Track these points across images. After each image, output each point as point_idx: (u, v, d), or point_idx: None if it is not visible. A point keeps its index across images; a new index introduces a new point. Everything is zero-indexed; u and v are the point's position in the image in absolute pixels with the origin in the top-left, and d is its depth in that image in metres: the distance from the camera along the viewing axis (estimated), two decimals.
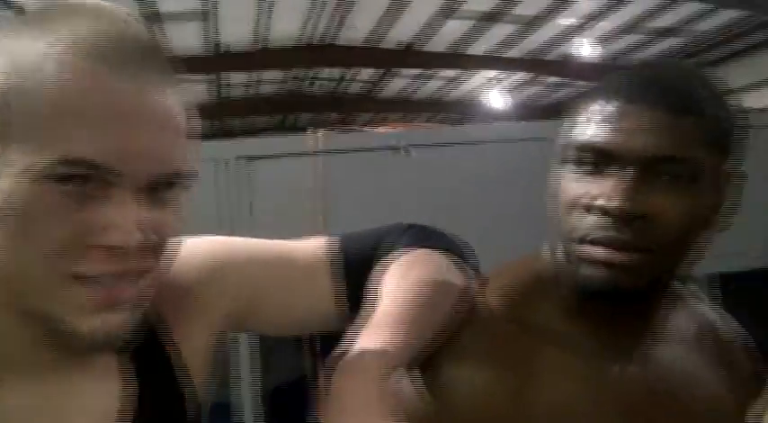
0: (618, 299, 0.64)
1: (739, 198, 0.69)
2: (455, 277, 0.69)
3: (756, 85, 9.59)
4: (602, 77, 0.70)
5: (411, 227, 0.75)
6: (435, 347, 0.66)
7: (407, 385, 0.67)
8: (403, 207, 1.77)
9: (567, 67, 9.89)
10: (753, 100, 8.43)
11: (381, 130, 1.97)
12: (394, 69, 10.68)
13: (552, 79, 11.17)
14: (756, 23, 8.95)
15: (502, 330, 0.69)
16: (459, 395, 0.66)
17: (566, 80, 10.92)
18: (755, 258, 1.98)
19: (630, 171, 0.61)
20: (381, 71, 10.80)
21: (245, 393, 1.67)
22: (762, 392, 0.99)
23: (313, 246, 0.74)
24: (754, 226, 1.91)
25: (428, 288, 0.65)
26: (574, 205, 0.64)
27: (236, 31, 8.52)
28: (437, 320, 0.66)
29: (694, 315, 0.79)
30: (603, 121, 0.63)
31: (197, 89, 10.28)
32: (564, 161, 0.66)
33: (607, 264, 0.61)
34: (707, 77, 0.69)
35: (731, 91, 0.68)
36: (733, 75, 10.07)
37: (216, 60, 9.18)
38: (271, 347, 1.83)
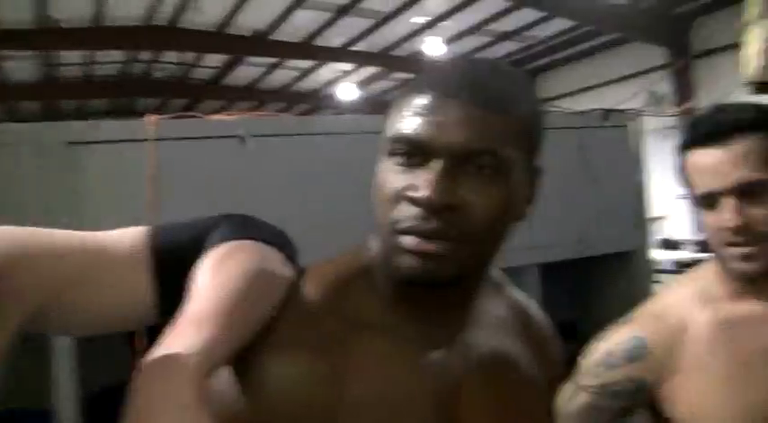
0: (432, 287, 0.65)
1: (539, 192, 0.72)
2: (274, 269, 0.68)
3: (582, 90, 10.47)
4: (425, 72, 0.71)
5: (231, 217, 0.73)
6: (252, 340, 0.64)
7: (223, 383, 0.64)
8: (243, 198, 1.72)
9: (415, 64, 10.19)
10: (575, 103, 9.19)
11: (221, 117, 1.90)
12: (244, 57, 10.44)
13: (402, 75, 11.45)
14: (584, 33, 9.76)
15: (321, 321, 0.68)
16: (277, 388, 0.64)
17: (415, 76, 11.20)
18: (569, 249, 2.14)
19: (442, 163, 0.62)
20: (230, 58, 10.52)
21: (63, 398, 1.54)
22: (567, 375, 1.07)
23: (128, 237, 0.69)
24: (566, 219, 2.08)
25: (244, 281, 0.63)
26: (391, 196, 0.64)
27: (71, 5, 7.90)
28: (256, 314, 0.64)
29: (507, 302, 0.82)
30: (419, 113, 0.64)
31: (22, 66, 9.41)
32: (385, 153, 0.67)
33: (420, 253, 0.62)
34: (518, 76, 0.71)
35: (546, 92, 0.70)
36: (565, 78, 10.93)
37: (46, 35, 8.45)
38: (96, 347, 1.70)
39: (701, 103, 8.48)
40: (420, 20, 9.25)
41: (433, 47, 9.86)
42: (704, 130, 0.99)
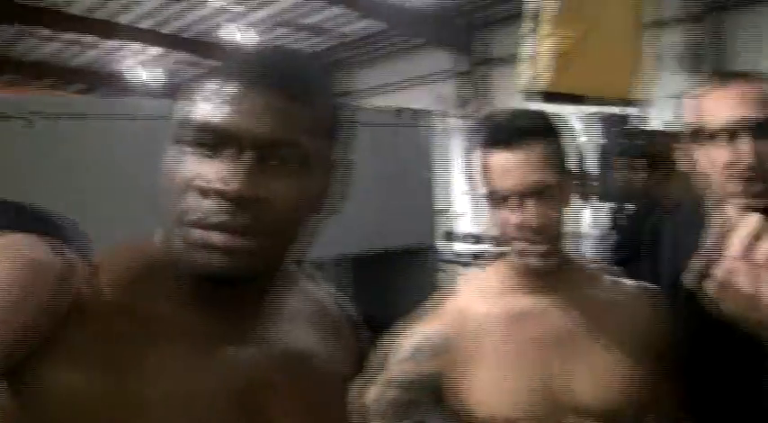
0: (232, 283, 0.62)
1: (348, 186, 0.71)
2: (50, 264, 0.60)
3: (378, 88, 10.86)
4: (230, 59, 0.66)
5: None
6: (28, 346, 0.56)
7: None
8: (22, 183, 1.55)
9: (217, 50, 9.85)
10: (372, 101, 9.53)
11: (4, 93, 1.70)
12: (25, 27, 9.35)
13: (202, 60, 11.01)
14: (382, 34, 10.13)
15: (109, 320, 0.62)
16: (62, 396, 0.57)
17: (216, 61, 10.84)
18: (366, 243, 2.21)
19: (244, 153, 0.60)
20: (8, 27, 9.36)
21: None
22: (365, 367, 1.10)
23: None
24: (363, 213, 2.14)
25: (10, 279, 0.56)
26: (187, 187, 0.60)
27: None
28: (24, 317, 0.56)
29: (308, 295, 0.81)
30: (219, 101, 0.61)
31: None
32: (178, 141, 0.62)
33: (220, 248, 0.59)
34: (321, 69, 0.70)
35: (348, 88, 0.72)
36: (363, 76, 11.24)
37: None
38: None
39: (483, 107, 9.23)
40: (224, 5, 8.97)
41: (237, 34, 9.60)
42: (501, 134, 1.03)
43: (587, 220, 4.38)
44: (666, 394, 1.17)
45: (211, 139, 0.61)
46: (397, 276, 2.57)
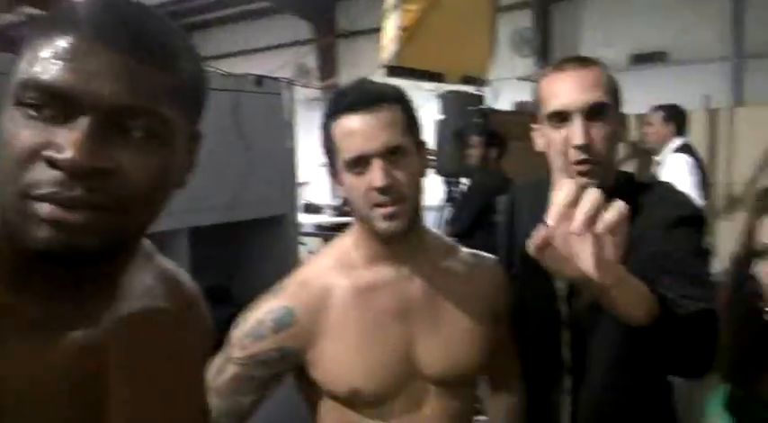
0: (73, 262, 0.56)
1: (204, 156, 0.68)
2: None
3: (232, 54, 10.52)
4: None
5: None
6: None
7: None
8: None
9: (50, 3, 9.01)
10: (224, 66, 9.22)
11: None
12: None
13: (35, 10, 10.04)
14: None
15: None
16: None
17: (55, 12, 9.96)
18: (220, 213, 2.14)
19: (90, 119, 0.54)
20: None
21: None
22: (221, 340, 1.06)
23: None
24: (217, 182, 2.07)
25: None
26: (22, 155, 0.54)
27: None
28: None
29: (159, 271, 0.77)
30: (61, 58, 0.54)
31: None
32: (14, 100, 0.55)
33: (56, 223, 0.53)
34: (178, 30, 0.63)
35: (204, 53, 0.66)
36: (215, 40, 10.84)
37: None
38: None
39: (344, 79, 9.25)
40: None
41: None
42: (354, 98, 1.04)
43: (426, 193, 4.56)
44: (503, 357, 1.26)
45: (55, 103, 0.54)
46: (256, 246, 2.53)
